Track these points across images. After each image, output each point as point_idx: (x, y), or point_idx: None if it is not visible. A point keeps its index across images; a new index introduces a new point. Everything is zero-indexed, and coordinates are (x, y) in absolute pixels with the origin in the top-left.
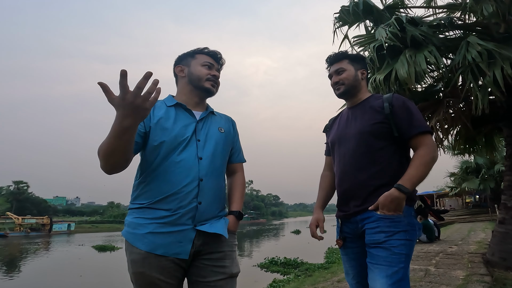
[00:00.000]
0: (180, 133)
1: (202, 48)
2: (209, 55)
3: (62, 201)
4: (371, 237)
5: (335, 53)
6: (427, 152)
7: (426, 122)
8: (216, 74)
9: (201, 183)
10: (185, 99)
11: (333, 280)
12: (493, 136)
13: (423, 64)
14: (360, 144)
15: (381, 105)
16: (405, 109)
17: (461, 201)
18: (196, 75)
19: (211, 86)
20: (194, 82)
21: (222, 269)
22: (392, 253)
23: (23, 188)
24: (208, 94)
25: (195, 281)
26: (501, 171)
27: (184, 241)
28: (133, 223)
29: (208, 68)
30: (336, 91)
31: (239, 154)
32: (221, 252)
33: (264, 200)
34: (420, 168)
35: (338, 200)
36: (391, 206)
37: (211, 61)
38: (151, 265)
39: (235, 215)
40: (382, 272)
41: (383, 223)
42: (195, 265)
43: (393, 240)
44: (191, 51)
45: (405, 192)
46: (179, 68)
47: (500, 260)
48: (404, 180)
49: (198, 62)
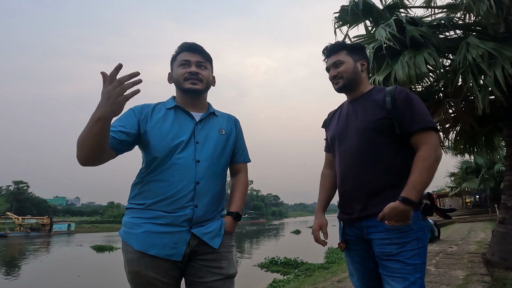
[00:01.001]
0: (177, 135)
1: (179, 46)
2: (186, 51)
3: (62, 201)
4: (382, 249)
5: (332, 44)
6: (430, 153)
7: (430, 116)
8: (193, 70)
9: (197, 186)
10: (181, 102)
11: (333, 280)
12: (493, 136)
13: (423, 67)
14: (363, 142)
15: (383, 99)
16: (407, 103)
17: (461, 201)
18: (175, 78)
19: (192, 85)
20: (177, 86)
21: (219, 270)
22: (407, 264)
23: (23, 188)
24: (192, 93)
25: (192, 281)
26: (501, 171)
27: (179, 243)
28: (129, 222)
29: (184, 66)
30: (335, 85)
31: (243, 154)
32: (217, 253)
33: (264, 200)
34: (424, 173)
35: (340, 201)
36: (398, 218)
37: (188, 56)
38: (147, 265)
39: (232, 216)
40: (398, 284)
41: (392, 234)
42: (192, 265)
43: (406, 252)
44: (173, 54)
45: (411, 204)
46: (169, 75)
47: (500, 260)
48: (408, 190)
49: (177, 65)
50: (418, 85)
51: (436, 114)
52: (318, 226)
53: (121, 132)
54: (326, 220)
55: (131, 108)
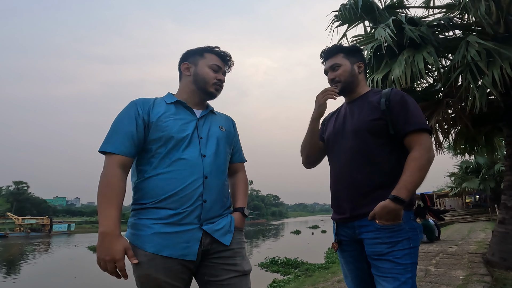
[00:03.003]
0: (181, 130)
1: (213, 47)
2: (218, 56)
3: (62, 201)
4: (373, 248)
5: (329, 47)
6: (422, 154)
7: (424, 119)
8: (222, 78)
9: (206, 181)
10: (186, 97)
11: (333, 280)
12: (493, 136)
13: (421, 64)
14: (356, 142)
15: (379, 100)
16: (401, 105)
17: (461, 201)
18: (202, 78)
19: (216, 91)
20: (199, 83)
21: (234, 267)
22: (397, 264)
23: (23, 188)
24: (210, 98)
25: (208, 281)
26: (501, 171)
27: (191, 241)
28: (137, 224)
29: (215, 71)
30: (334, 89)
31: (240, 154)
32: (230, 250)
33: (264, 200)
34: (416, 173)
35: (332, 201)
36: (388, 217)
37: (220, 63)
38: (158, 267)
39: (241, 211)
40: (389, 284)
41: (383, 233)
42: (206, 264)
43: (396, 251)
44: (200, 48)
45: (401, 202)
46: (185, 66)
47: (500, 260)
48: (399, 189)
49: (206, 63)
50: (415, 84)
51: (435, 113)
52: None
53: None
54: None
55: (133, 102)
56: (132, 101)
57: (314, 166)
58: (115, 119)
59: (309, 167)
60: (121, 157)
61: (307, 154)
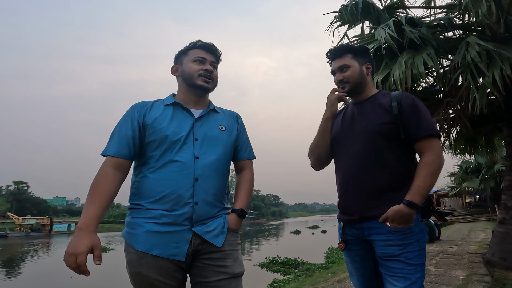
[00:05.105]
0: (175, 132)
1: (194, 42)
2: (201, 49)
3: (62, 201)
4: (384, 250)
5: (336, 47)
6: (434, 159)
7: (434, 123)
8: (209, 68)
9: (196, 183)
10: (183, 98)
11: (333, 280)
12: (493, 136)
13: (421, 67)
14: (367, 144)
15: (390, 103)
16: (413, 109)
17: (461, 201)
18: (187, 73)
19: (204, 82)
20: (186, 80)
21: (224, 269)
22: (408, 265)
23: (23, 188)
24: (202, 91)
25: (198, 281)
26: (501, 171)
27: (181, 242)
28: (131, 223)
29: (199, 63)
30: (341, 89)
31: (247, 150)
32: (221, 252)
33: (264, 200)
34: (428, 178)
35: (340, 201)
36: (401, 221)
37: (203, 54)
38: (148, 265)
39: (237, 213)
40: (400, 283)
41: (394, 236)
42: (196, 265)
43: (407, 253)
44: (184, 48)
45: (415, 207)
46: (174, 68)
47: (500, 260)
48: (413, 194)
49: (189, 59)
50: (415, 85)
51: (435, 114)
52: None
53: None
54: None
55: (132, 106)
56: (132, 105)
57: (324, 167)
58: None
59: (318, 168)
60: (114, 158)
61: (318, 155)
